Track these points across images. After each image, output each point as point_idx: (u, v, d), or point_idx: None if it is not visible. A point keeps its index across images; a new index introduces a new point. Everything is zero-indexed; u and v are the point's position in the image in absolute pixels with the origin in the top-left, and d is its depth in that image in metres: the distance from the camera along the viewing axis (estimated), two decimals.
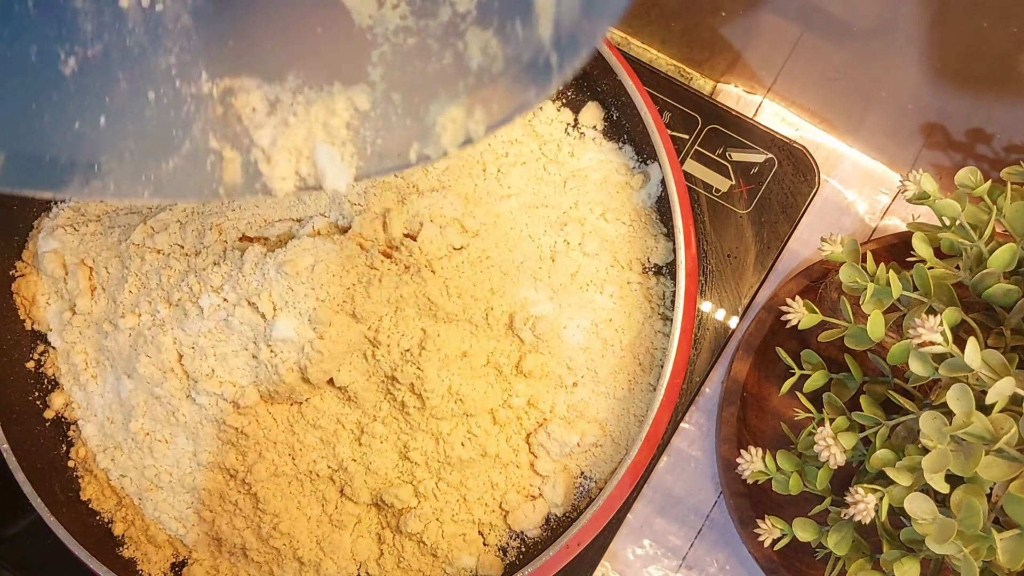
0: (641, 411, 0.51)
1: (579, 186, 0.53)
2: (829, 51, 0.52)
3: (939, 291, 0.40)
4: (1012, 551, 0.34)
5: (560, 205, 0.52)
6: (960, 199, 0.40)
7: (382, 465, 0.49)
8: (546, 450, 0.50)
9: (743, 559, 0.55)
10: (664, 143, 0.49)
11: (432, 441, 0.49)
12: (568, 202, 0.52)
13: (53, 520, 0.47)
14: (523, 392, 0.50)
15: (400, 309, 0.48)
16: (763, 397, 0.54)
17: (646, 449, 0.47)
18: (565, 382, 0.51)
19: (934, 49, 0.46)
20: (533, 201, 0.52)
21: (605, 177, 0.53)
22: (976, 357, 0.34)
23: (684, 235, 0.48)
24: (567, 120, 0.55)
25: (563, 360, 0.51)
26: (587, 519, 0.46)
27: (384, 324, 0.47)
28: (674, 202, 0.48)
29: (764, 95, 0.60)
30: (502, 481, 0.50)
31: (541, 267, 0.51)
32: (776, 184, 0.57)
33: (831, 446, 0.39)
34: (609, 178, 0.53)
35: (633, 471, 0.47)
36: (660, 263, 0.53)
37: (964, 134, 0.51)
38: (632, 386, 0.51)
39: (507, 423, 0.50)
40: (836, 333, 0.42)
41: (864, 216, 0.58)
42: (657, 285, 0.52)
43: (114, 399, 0.52)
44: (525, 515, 0.50)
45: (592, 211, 0.52)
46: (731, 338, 0.56)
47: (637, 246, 0.52)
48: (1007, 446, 0.34)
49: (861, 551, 0.42)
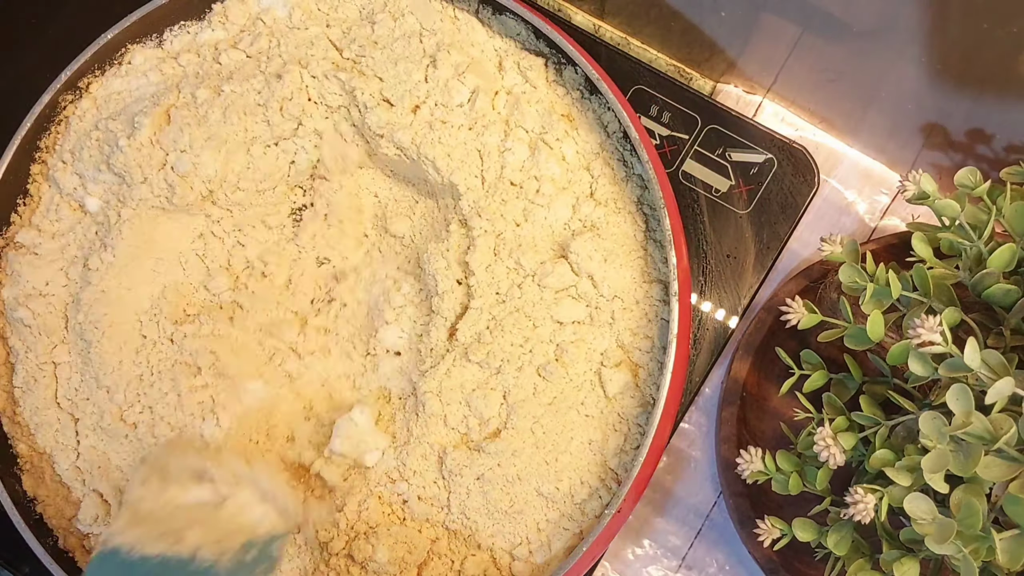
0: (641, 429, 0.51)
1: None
2: (829, 51, 0.52)
3: (939, 291, 0.40)
4: (1011, 551, 0.34)
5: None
6: (960, 199, 0.40)
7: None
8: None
9: (743, 559, 0.55)
10: (656, 170, 0.49)
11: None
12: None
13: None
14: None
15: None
16: (763, 397, 0.54)
17: (649, 463, 0.47)
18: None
19: (934, 49, 0.46)
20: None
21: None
22: (975, 357, 0.34)
23: (676, 252, 0.47)
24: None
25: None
26: (599, 532, 0.46)
27: None
28: (665, 225, 0.48)
29: (764, 95, 0.60)
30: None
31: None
32: (776, 184, 0.57)
33: (831, 446, 0.39)
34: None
35: (638, 484, 0.47)
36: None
37: (964, 134, 0.51)
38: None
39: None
40: (836, 333, 0.42)
41: (864, 216, 0.58)
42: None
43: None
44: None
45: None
46: (731, 338, 0.56)
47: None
48: (1006, 446, 0.34)
49: (861, 551, 0.42)
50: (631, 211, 0.50)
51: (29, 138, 0.53)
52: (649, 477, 0.49)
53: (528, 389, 0.48)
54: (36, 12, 0.64)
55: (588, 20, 0.63)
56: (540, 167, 0.50)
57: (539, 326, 0.49)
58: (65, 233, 0.54)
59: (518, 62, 0.52)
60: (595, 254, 0.49)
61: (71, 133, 0.54)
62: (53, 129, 0.55)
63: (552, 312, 0.49)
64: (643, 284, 0.49)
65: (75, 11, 0.64)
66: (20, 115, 0.53)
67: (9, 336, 0.53)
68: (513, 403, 0.48)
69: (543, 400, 0.48)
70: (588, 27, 0.63)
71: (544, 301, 0.49)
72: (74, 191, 0.53)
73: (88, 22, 0.56)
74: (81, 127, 0.54)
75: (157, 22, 0.55)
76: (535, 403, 0.48)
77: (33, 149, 0.54)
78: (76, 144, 0.54)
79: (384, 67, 0.51)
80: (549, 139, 0.50)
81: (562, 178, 0.50)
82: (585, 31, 0.61)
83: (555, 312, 0.49)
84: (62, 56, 0.54)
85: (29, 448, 0.53)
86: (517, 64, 0.52)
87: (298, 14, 0.54)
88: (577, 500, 0.48)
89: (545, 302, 0.49)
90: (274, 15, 0.54)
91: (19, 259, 0.53)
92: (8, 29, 0.64)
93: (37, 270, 0.53)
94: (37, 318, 0.53)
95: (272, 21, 0.54)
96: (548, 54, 0.53)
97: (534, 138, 0.51)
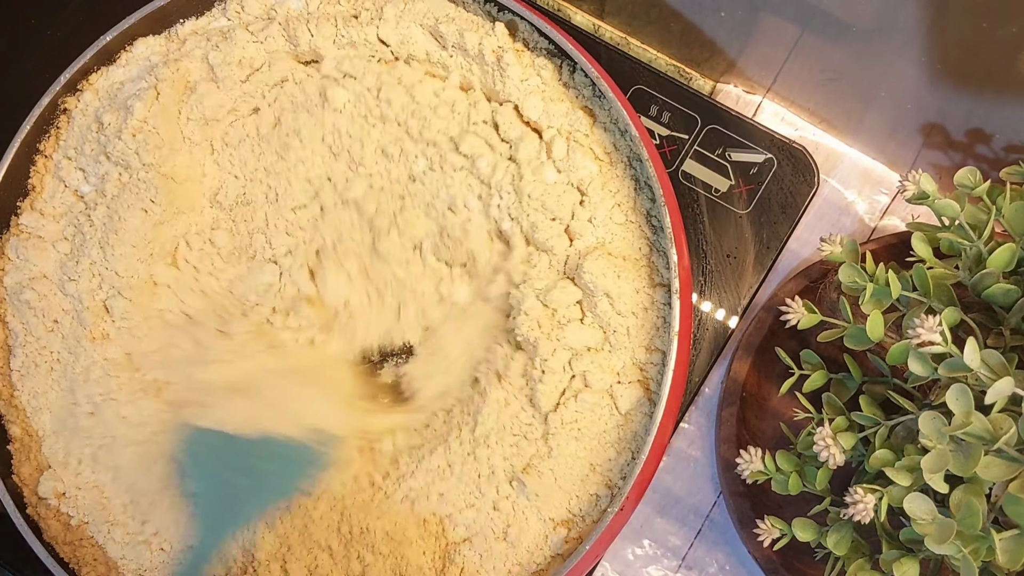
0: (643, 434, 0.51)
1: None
2: (829, 51, 0.52)
3: (938, 291, 0.40)
4: (1011, 551, 0.34)
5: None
6: (959, 199, 0.40)
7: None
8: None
9: (743, 559, 0.55)
10: (660, 177, 0.49)
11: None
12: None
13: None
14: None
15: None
16: (762, 397, 0.54)
17: (651, 462, 0.47)
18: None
19: (934, 49, 0.46)
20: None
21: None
22: (975, 357, 0.34)
23: (677, 250, 0.47)
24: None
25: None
26: (601, 530, 0.46)
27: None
28: (666, 223, 0.47)
29: (763, 95, 0.60)
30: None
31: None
32: (775, 184, 0.57)
33: (830, 446, 0.39)
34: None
35: (639, 485, 0.47)
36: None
37: (963, 134, 0.51)
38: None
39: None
40: (835, 333, 0.42)
41: (863, 216, 0.58)
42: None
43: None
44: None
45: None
46: (730, 338, 0.56)
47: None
48: (1006, 446, 0.34)
49: (860, 551, 0.42)
50: (641, 224, 0.50)
51: (29, 140, 0.53)
52: (650, 477, 0.49)
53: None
54: (37, 13, 0.64)
55: (588, 20, 0.63)
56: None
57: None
58: (65, 215, 0.54)
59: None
60: (608, 271, 0.48)
61: (74, 128, 0.54)
62: (54, 128, 0.55)
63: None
64: (648, 291, 0.49)
65: (76, 11, 0.64)
66: (20, 116, 0.53)
67: (10, 320, 0.53)
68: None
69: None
70: (588, 27, 0.63)
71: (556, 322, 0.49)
72: (78, 185, 0.54)
73: (89, 22, 0.56)
74: (83, 122, 0.54)
75: (162, 20, 0.55)
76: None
77: (33, 152, 0.54)
78: (79, 139, 0.54)
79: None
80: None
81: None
82: (585, 31, 0.61)
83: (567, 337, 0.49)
84: (63, 57, 0.54)
85: (23, 431, 0.53)
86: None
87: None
88: (576, 510, 0.49)
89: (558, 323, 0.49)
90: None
91: (23, 243, 0.53)
92: (9, 30, 0.64)
93: (42, 252, 0.53)
94: (42, 299, 0.53)
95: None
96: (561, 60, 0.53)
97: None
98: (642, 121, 0.57)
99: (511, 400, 0.49)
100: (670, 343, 0.46)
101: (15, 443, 0.53)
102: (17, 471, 0.52)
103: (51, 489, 0.51)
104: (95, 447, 0.52)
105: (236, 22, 0.55)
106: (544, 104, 0.50)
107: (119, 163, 0.52)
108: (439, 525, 0.49)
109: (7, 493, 0.50)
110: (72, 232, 0.53)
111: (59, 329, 0.53)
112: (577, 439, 0.48)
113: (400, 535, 0.49)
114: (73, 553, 0.51)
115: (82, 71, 0.54)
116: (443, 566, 0.49)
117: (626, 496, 0.45)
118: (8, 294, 0.54)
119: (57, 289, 0.53)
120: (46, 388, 0.53)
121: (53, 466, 0.52)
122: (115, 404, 0.51)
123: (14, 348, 0.53)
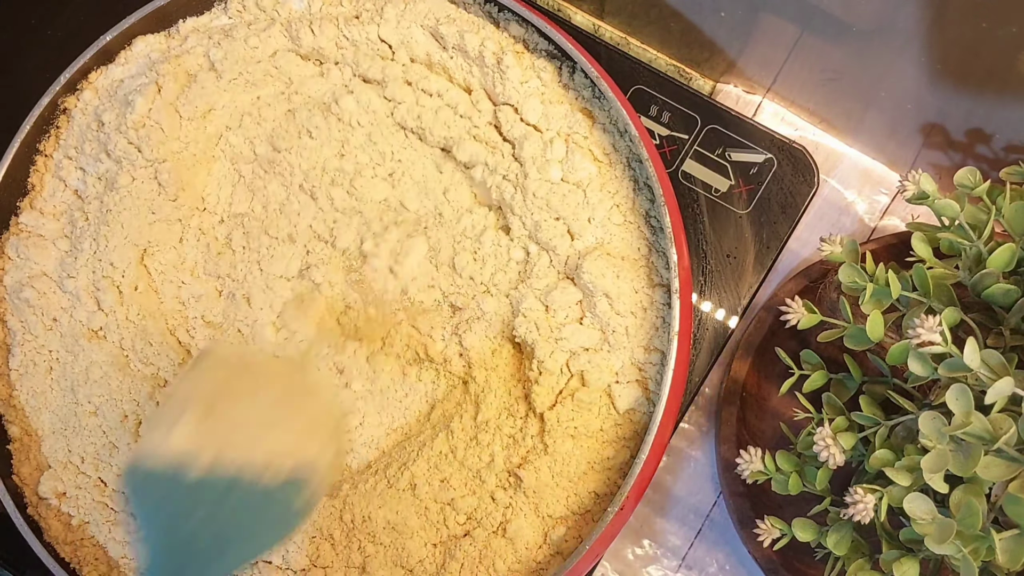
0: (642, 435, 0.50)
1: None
2: (829, 51, 0.52)
3: (938, 291, 0.40)
4: (1011, 551, 0.34)
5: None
6: (959, 199, 0.40)
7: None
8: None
9: (743, 559, 0.55)
10: (660, 177, 0.49)
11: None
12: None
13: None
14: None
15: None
16: (762, 397, 0.54)
17: (651, 463, 0.47)
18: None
19: (934, 49, 0.46)
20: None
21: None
22: (975, 357, 0.34)
23: (677, 250, 0.47)
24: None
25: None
26: (601, 529, 0.46)
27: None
28: (666, 223, 0.47)
29: (763, 95, 0.60)
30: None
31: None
32: (775, 184, 0.57)
33: (830, 446, 0.39)
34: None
35: (639, 484, 0.47)
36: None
37: (963, 134, 0.51)
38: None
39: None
40: (835, 333, 0.42)
41: (863, 216, 0.58)
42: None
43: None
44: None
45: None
46: (731, 338, 0.56)
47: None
48: (1006, 446, 0.34)
49: (860, 551, 0.42)
50: (640, 225, 0.50)
51: (29, 140, 0.54)
52: (650, 476, 0.49)
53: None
54: (37, 13, 0.64)
55: (588, 20, 0.63)
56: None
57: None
58: (65, 213, 0.54)
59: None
60: (608, 271, 0.48)
61: (74, 128, 0.54)
62: (54, 128, 0.55)
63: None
64: (648, 291, 0.49)
65: (76, 11, 0.64)
66: (20, 116, 0.53)
67: (9, 319, 0.53)
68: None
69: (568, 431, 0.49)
70: (588, 27, 0.63)
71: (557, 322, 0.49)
72: (78, 185, 0.54)
73: (89, 22, 0.56)
74: (83, 121, 0.54)
75: (162, 20, 0.55)
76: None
77: (33, 151, 0.54)
78: (79, 138, 0.54)
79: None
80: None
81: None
82: (585, 31, 0.61)
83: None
84: (63, 57, 0.54)
85: (22, 430, 0.53)
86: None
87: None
88: (575, 507, 0.49)
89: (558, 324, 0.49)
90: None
91: (23, 242, 0.53)
92: (9, 30, 0.64)
93: (43, 251, 0.53)
94: (42, 297, 0.53)
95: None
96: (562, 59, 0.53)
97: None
98: (642, 121, 0.57)
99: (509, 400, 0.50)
100: (670, 343, 0.46)
101: (15, 443, 0.53)
102: (17, 471, 0.52)
103: (51, 489, 0.51)
104: (97, 446, 0.52)
105: (237, 20, 0.55)
106: (543, 107, 0.50)
107: (120, 160, 0.52)
108: (440, 513, 0.49)
109: (7, 493, 0.50)
110: (71, 229, 0.53)
111: (57, 328, 0.53)
112: (573, 437, 0.48)
113: (402, 525, 0.49)
114: (74, 553, 0.51)
115: (82, 71, 0.54)
116: (444, 561, 0.49)
117: (626, 495, 0.45)
118: (8, 293, 0.54)
119: (56, 287, 0.53)
120: (45, 388, 0.53)
121: (53, 466, 0.52)
122: (116, 404, 0.52)
123: (12, 347, 0.53)
